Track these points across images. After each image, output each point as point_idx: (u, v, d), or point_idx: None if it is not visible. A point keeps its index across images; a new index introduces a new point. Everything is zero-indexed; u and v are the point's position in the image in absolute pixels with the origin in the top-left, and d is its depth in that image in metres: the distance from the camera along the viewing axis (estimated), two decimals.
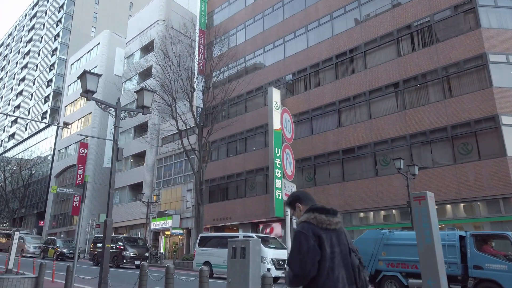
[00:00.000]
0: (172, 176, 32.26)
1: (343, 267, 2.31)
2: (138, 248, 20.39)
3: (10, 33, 79.92)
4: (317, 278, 2.26)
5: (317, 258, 2.27)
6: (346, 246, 2.38)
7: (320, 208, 2.43)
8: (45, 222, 46.40)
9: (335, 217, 2.39)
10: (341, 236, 2.38)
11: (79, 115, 46.42)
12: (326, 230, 2.33)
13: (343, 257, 2.34)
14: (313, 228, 2.33)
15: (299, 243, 2.31)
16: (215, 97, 24.52)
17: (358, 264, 2.39)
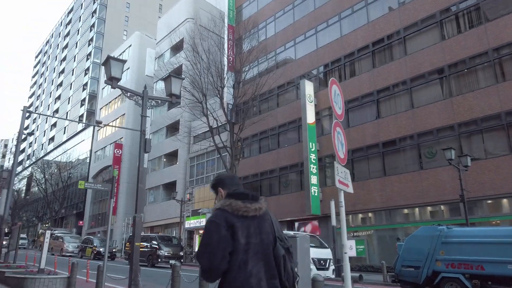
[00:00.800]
0: (204, 174, 31.95)
1: (262, 259, 2.06)
2: (172, 247, 20.04)
3: (47, 41, 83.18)
4: (227, 272, 2.02)
5: (228, 249, 2.02)
6: (269, 235, 2.13)
7: (237, 194, 2.17)
8: (84, 222, 47.64)
9: (255, 203, 2.13)
10: (263, 224, 2.13)
11: (114, 116, 47.27)
12: (243, 218, 2.08)
13: (264, 247, 2.09)
14: (227, 216, 2.07)
15: (209, 234, 2.06)
16: (245, 92, 23.86)
17: (284, 255, 2.12)
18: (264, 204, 2.18)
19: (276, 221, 2.25)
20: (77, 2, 69.83)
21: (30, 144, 78.27)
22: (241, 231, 2.05)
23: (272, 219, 2.22)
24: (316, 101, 24.03)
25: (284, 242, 2.19)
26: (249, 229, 2.08)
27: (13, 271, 10.80)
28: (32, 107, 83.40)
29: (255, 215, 2.11)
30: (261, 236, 2.10)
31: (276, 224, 2.23)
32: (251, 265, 2.03)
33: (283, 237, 2.22)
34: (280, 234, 2.21)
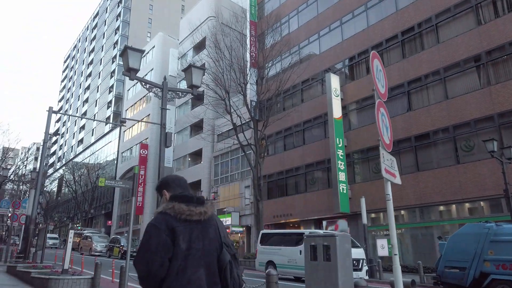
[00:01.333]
0: (229, 173, 31.64)
1: (204, 266, 1.98)
2: None
3: (75, 45, 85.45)
4: (165, 279, 1.91)
5: (167, 255, 1.92)
6: (214, 240, 2.06)
7: (181, 196, 2.09)
8: (112, 222, 48.42)
9: (200, 207, 2.06)
10: (208, 230, 2.06)
11: (139, 117, 47.74)
12: (185, 222, 2.00)
13: (207, 253, 2.01)
14: (168, 220, 1.99)
15: (147, 238, 1.97)
16: (269, 88, 23.29)
17: (230, 261, 2.05)
18: (210, 208, 2.11)
19: (222, 227, 2.17)
20: (102, 6, 71.27)
21: (60, 147, 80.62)
22: (183, 235, 1.97)
23: (218, 224, 2.15)
24: (342, 95, 23.19)
25: (230, 248, 2.12)
26: (192, 234, 2.00)
27: (39, 272, 10.70)
28: (62, 110, 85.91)
29: (199, 220, 2.03)
30: (204, 242, 2.02)
31: (222, 230, 2.15)
32: (190, 272, 1.94)
33: (230, 243, 2.15)
34: (226, 240, 2.13)
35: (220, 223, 2.18)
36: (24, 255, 15.35)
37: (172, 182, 2.22)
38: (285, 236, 13.83)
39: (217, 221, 2.16)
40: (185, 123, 38.66)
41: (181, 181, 2.26)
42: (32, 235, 15.60)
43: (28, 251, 15.14)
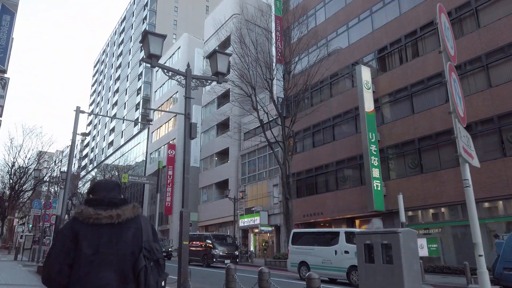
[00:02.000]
0: (256, 171, 31.09)
1: (115, 271, 1.87)
2: (227, 246, 19.30)
3: (104, 50, 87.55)
4: (68, 285, 1.84)
5: (67, 262, 1.86)
6: (130, 244, 1.94)
7: (90, 200, 2.03)
8: None
9: (111, 210, 1.96)
10: (123, 233, 1.95)
11: (166, 118, 48.14)
12: (93, 227, 1.92)
13: (120, 258, 1.90)
14: (75, 225, 1.93)
15: (53, 244, 1.96)
16: (296, 83, 22.54)
17: (145, 266, 1.91)
18: (127, 211, 2.00)
19: (147, 230, 2.06)
20: (129, 11, 72.57)
21: (92, 149, 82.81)
22: (88, 241, 1.89)
23: (141, 227, 2.03)
24: (374, 87, 22.11)
25: (152, 253, 2.01)
26: (101, 238, 1.92)
27: None
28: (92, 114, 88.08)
29: (111, 223, 1.94)
30: (118, 246, 1.93)
31: (146, 233, 2.04)
32: (96, 277, 1.85)
33: (153, 248, 2.03)
34: (149, 244, 2.02)
35: (145, 226, 2.06)
36: None
37: (97, 186, 2.16)
38: (318, 236, 13.10)
39: (141, 223, 2.04)
40: (211, 122, 38.48)
41: (108, 184, 2.18)
42: None
43: None
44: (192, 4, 64.85)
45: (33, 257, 19.76)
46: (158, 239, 2.16)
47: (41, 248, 18.62)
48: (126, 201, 2.10)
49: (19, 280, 11.03)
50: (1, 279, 11.36)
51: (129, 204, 2.07)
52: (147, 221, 2.14)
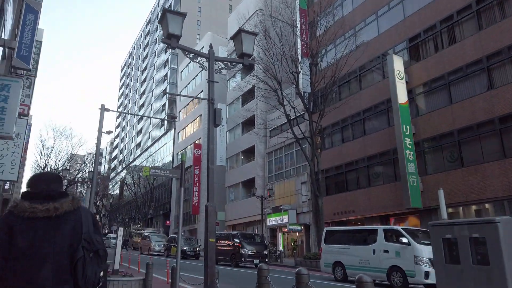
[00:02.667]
0: (283, 169, 30.34)
1: (52, 263, 1.89)
2: (256, 245, 18.67)
3: (130, 53, 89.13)
4: (2, 279, 1.85)
5: (2, 254, 1.87)
6: (69, 237, 1.96)
7: (26, 193, 2.05)
8: (170, 222, 49.25)
9: (47, 203, 1.97)
10: (62, 226, 1.97)
11: (191, 118, 48.19)
12: (29, 220, 1.92)
13: (58, 251, 1.92)
14: (11, 218, 1.94)
15: None
16: (324, 75, 21.64)
17: (83, 257, 1.93)
18: (65, 204, 2.01)
19: (87, 221, 2.06)
20: (153, 13, 73.44)
21: (121, 151, 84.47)
22: (22, 234, 1.91)
23: (81, 219, 2.05)
24: (407, 77, 20.93)
25: (92, 245, 2.01)
26: (37, 232, 1.92)
27: None
28: (121, 116, 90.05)
29: (48, 216, 1.95)
30: (55, 239, 1.94)
31: (86, 225, 2.04)
32: (31, 271, 1.87)
33: (93, 239, 2.03)
34: (89, 235, 2.03)
35: (86, 217, 2.07)
36: None
37: (35, 179, 2.15)
38: (354, 234, 12.25)
39: (81, 215, 2.06)
40: (236, 120, 38.05)
41: (47, 176, 2.19)
42: None
43: None
44: (215, 4, 64.82)
45: None
46: (99, 230, 2.13)
47: None
48: (65, 194, 2.09)
49: None
50: None
51: (68, 196, 2.06)
52: (88, 213, 2.12)
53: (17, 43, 15.38)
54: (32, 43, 15.70)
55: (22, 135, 15.37)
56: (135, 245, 37.37)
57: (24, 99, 15.47)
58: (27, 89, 15.60)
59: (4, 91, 10.26)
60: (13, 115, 10.43)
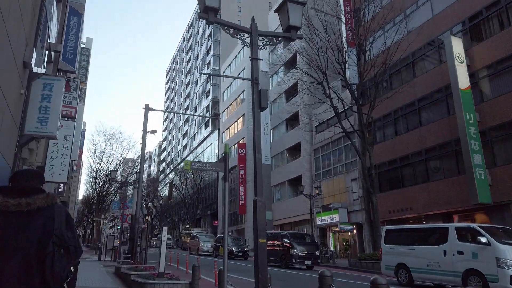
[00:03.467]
0: (332, 165, 29.02)
1: (20, 257, 1.92)
2: (306, 245, 17.68)
3: (174, 58, 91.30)
4: None
5: None
6: (36, 232, 1.99)
7: (3, 188, 2.12)
8: (218, 222, 49.40)
9: (19, 198, 2.02)
10: (33, 221, 2.02)
11: (235, 118, 48.02)
12: (2, 214, 1.99)
13: (27, 245, 1.96)
14: None
15: None
16: (374, 64, 20.18)
17: (51, 252, 1.96)
18: (38, 200, 2.05)
19: (60, 218, 2.10)
20: (195, 17, 74.57)
21: (168, 153, 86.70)
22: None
23: (54, 215, 2.08)
24: (468, 60, 18.96)
25: (63, 241, 2.04)
26: (8, 225, 1.97)
27: (138, 274, 9.81)
28: (167, 119, 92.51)
29: (20, 211, 2.00)
30: (26, 233, 1.99)
31: (59, 221, 2.08)
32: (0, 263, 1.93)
33: (64, 236, 2.06)
34: (60, 231, 2.05)
35: (59, 214, 2.10)
36: (131, 256, 15.10)
37: (16, 174, 2.22)
38: (419, 233, 10.94)
39: (55, 212, 2.09)
40: (280, 118, 37.21)
41: (28, 173, 2.23)
42: (138, 235, 15.32)
43: (134, 251, 14.84)
44: (255, 3, 64.44)
45: (115, 257, 20.10)
46: (73, 228, 2.14)
47: (121, 248, 18.77)
48: (40, 190, 2.12)
49: (94, 282, 10.64)
50: (78, 282, 11.01)
51: (43, 193, 2.10)
52: (62, 210, 2.14)
53: (63, 46, 15.55)
54: (76, 46, 15.85)
55: (70, 137, 15.54)
56: (185, 245, 37.73)
57: (71, 101, 15.63)
58: (74, 92, 15.77)
59: (47, 90, 10.16)
60: (56, 114, 10.32)
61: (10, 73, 7.50)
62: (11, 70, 7.56)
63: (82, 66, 32.56)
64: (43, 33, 11.71)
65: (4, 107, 7.39)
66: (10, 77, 7.54)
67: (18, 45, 7.84)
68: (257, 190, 4.89)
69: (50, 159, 14.66)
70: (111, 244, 21.71)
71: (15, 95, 8.19)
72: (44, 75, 10.03)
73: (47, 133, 9.63)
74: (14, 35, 7.44)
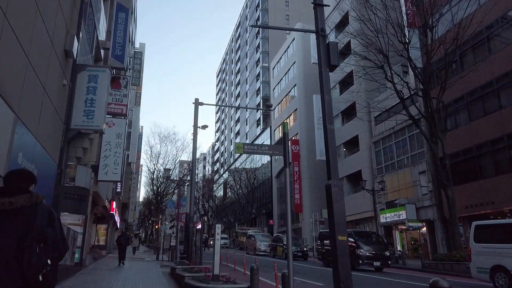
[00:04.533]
0: (395, 158, 26.75)
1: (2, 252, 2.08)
2: (374, 245, 15.99)
3: (224, 59, 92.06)
4: None
5: None
6: (17, 229, 2.13)
7: None
8: (274, 221, 48.43)
9: (3, 198, 2.18)
10: (16, 218, 2.16)
11: (286, 114, 46.81)
12: None
13: (8, 241, 2.10)
14: None
15: None
16: (443, 42, 17.89)
17: (29, 245, 2.09)
18: (21, 199, 2.19)
19: (43, 216, 2.23)
20: (242, 16, 74.49)
21: (221, 154, 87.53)
22: None
23: (36, 213, 2.21)
24: None
25: (42, 236, 2.16)
26: None
27: (192, 276, 9.02)
28: (219, 121, 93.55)
29: (4, 210, 2.14)
30: (8, 230, 2.12)
31: (41, 219, 2.21)
32: None
33: (44, 231, 2.19)
34: (41, 228, 2.18)
35: (42, 213, 2.22)
36: (187, 255, 14.52)
37: (7, 175, 2.37)
38: None
39: (38, 210, 2.21)
40: (334, 111, 35.35)
41: (18, 174, 2.39)
42: (192, 234, 14.70)
43: (190, 251, 14.23)
44: None
45: (172, 257, 19.82)
46: (54, 225, 2.25)
47: (177, 247, 18.38)
48: (24, 191, 2.24)
49: (148, 283, 10.05)
50: (133, 283, 10.54)
51: (27, 193, 2.22)
52: (46, 209, 2.26)
53: (111, 43, 15.33)
54: (125, 42, 15.56)
55: (122, 135, 15.28)
56: (241, 245, 37.21)
57: (122, 99, 15.37)
58: (124, 89, 15.52)
59: (92, 82, 9.66)
60: (102, 107, 9.80)
61: (49, 60, 6.98)
62: (50, 58, 7.04)
63: (136, 70, 33.30)
64: (90, 27, 11.37)
65: (44, 97, 6.87)
66: (49, 64, 7.02)
67: (56, 32, 7.31)
68: (331, 171, 3.70)
69: (103, 158, 14.50)
70: (168, 244, 21.52)
71: (56, 85, 7.71)
72: (89, 66, 9.58)
73: (93, 126, 9.14)
74: (51, 21, 6.90)
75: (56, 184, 8.08)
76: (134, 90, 40.85)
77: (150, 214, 53.06)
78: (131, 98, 39.59)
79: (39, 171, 6.42)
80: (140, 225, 73.21)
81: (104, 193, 17.10)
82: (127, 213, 42.88)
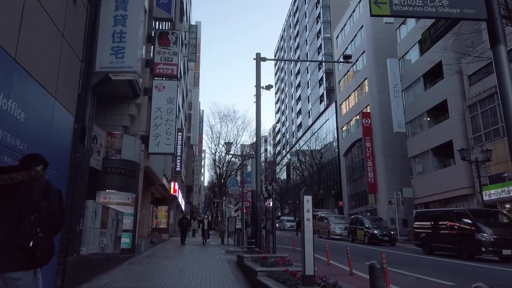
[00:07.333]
0: (499, 123, 21.93)
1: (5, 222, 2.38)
2: (500, 227, 12.18)
3: (281, 36, 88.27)
4: None
5: None
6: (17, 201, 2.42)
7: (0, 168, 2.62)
8: (344, 203, 44.96)
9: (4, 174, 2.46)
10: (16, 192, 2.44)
11: (354, 85, 42.55)
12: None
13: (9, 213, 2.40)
14: None
15: None
16: None
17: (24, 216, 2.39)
18: (20, 175, 2.48)
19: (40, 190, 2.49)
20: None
21: (283, 135, 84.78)
22: None
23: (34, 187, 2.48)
24: None
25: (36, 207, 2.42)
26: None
27: (267, 272, 6.39)
28: (279, 101, 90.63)
29: (6, 185, 2.44)
30: (9, 203, 2.42)
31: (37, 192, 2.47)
32: None
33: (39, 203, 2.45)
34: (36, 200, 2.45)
35: (39, 186, 2.50)
36: (255, 240, 12.03)
37: (22, 158, 2.77)
38: None
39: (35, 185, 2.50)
40: (414, 75, 30.65)
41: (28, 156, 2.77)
42: (262, 215, 12.14)
43: (259, 236, 11.72)
44: None
45: (238, 241, 17.64)
46: (50, 198, 2.50)
47: (243, 231, 16.09)
48: (24, 168, 2.55)
49: (210, 277, 7.63)
50: (189, 278, 8.20)
51: (25, 170, 2.52)
52: (43, 183, 2.54)
53: None
54: None
55: (174, 99, 12.87)
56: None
57: (171, 57, 12.95)
58: (174, 46, 13.15)
59: (120, 9, 6.95)
60: (135, 43, 7.20)
61: None
62: None
63: (191, 44, 31.46)
64: None
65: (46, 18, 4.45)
66: None
67: None
68: None
69: (154, 126, 12.30)
70: (233, 227, 19.39)
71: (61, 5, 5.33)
72: None
73: (125, 68, 6.65)
74: None
75: (73, 145, 5.76)
76: (192, 71, 39.37)
77: (215, 197, 52.25)
78: (190, 79, 38.20)
79: (47, 129, 4.06)
80: (206, 209, 73.53)
81: (160, 170, 15.16)
82: (192, 196, 42.08)
